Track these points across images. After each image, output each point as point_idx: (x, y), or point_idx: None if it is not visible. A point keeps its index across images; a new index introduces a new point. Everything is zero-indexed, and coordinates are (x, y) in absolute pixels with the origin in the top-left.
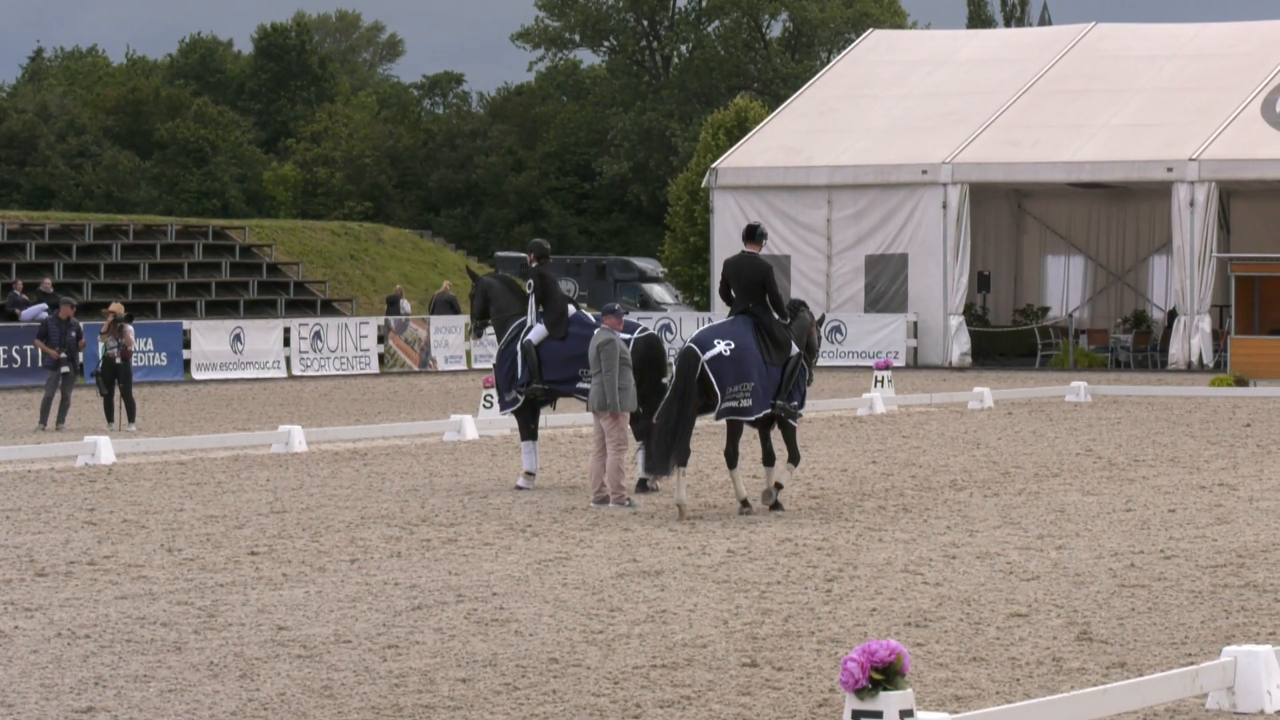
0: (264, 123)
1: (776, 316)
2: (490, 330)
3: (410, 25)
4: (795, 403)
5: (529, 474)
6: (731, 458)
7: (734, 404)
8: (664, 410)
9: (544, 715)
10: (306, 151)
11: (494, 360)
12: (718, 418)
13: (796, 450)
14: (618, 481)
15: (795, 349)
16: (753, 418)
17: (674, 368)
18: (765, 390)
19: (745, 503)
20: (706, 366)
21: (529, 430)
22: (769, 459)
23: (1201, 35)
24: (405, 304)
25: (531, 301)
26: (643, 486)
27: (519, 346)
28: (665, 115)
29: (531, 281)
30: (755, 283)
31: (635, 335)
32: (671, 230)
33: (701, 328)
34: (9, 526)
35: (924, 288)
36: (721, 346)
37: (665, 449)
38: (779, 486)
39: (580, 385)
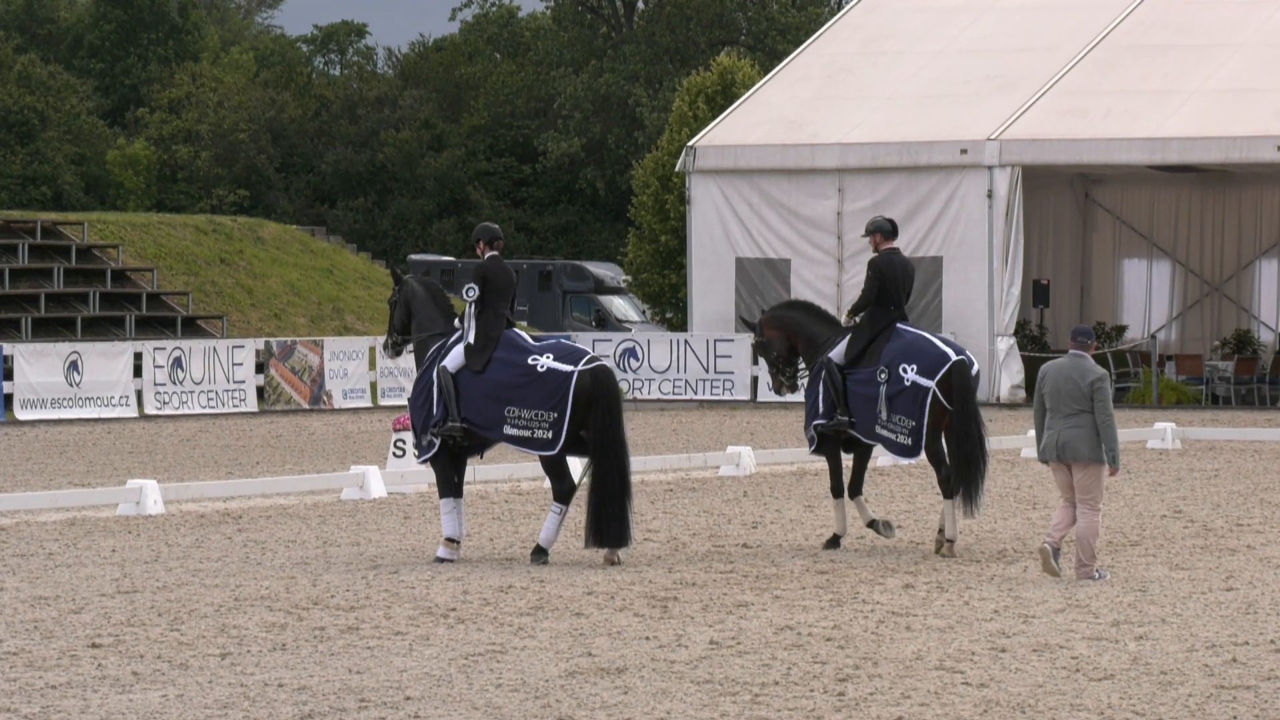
0: (108, 87)
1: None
2: (410, 350)
3: None
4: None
5: (451, 541)
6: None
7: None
8: (970, 438)
9: None
10: (163, 125)
11: (409, 393)
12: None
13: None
14: (1093, 549)
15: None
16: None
17: (948, 380)
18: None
19: (878, 524)
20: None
21: (451, 485)
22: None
23: None
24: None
25: (470, 310)
26: (540, 554)
27: (435, 373)
28: (627, 78)
29: (471, 287)
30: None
31: (580, 366)
32: (636, 227)
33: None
34: None
35: (963, 301)
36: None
37: (973, 484)
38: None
39: (508, 430)
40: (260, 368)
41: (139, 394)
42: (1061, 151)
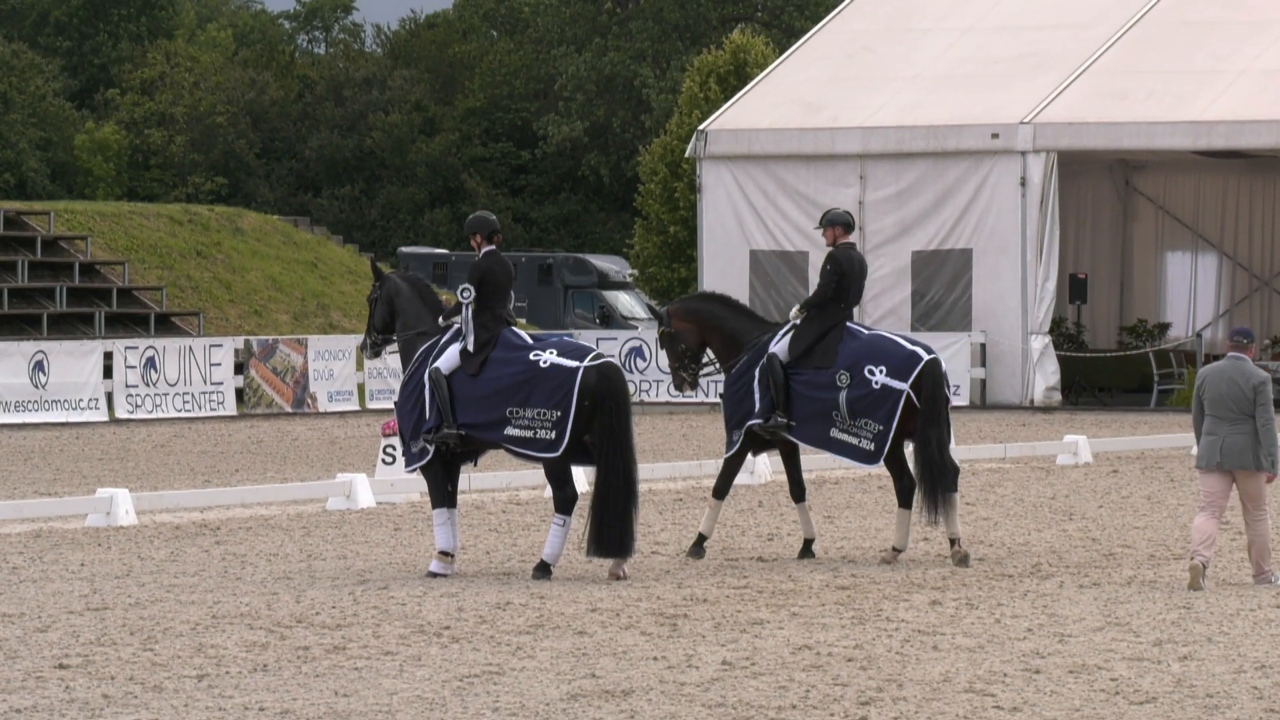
0: (75, 67)
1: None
2: (392, 349)
3: None
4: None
5: (445, 555)
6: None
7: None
8: (940, 442)
9: None
10: (135, 107)
11: (396, 396)
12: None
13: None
14: (1269, 550)
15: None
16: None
17: (919, 382)
18: None
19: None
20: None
21: (444, 495)
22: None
23: None
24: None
25: (467, 311)
26: (544, 570)
27: (426, 375)
28: (633, 57)
29: (467, 288)
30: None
31: (585, 363)
32: (643, 217)
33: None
34: None
35: (994, 297)
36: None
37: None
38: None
39: (510, 431)
40: (239, 368)
41: (109, 396)
42: (1100, 136)
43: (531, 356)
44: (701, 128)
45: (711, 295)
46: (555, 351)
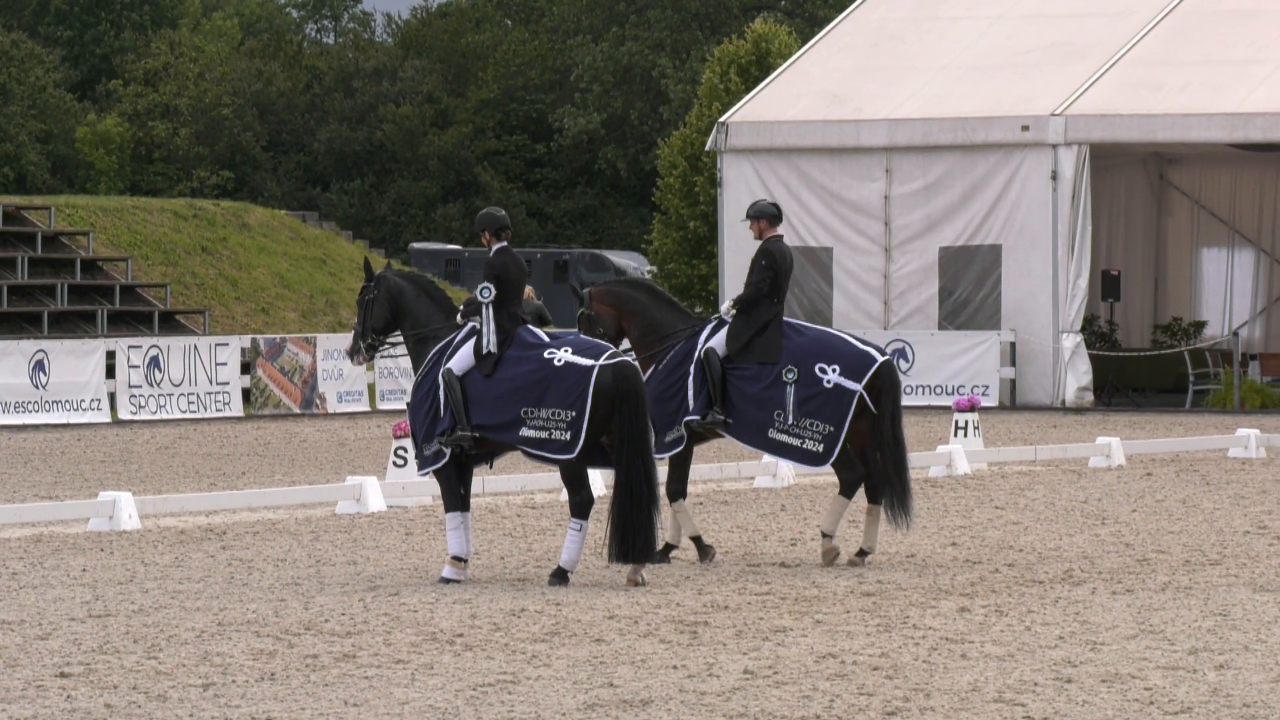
0: (76, 57)
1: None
2: (385, 352)
3: None
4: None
5: (458, 560)
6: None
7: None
8: (897, 444)
9: None
10: (138, 99)
11: (408, 397)
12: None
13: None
14: None
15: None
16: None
17: (876, 384)
18: None
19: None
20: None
21: (457, 498)
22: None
23: None
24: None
25: (486, 312)
26: (561, 577)
27: (440, 376)
28: (652, 46)
29: (486, 287)
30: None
31: (601, 361)
32: (662, 212)
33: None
34: None
35: (1025, 294)
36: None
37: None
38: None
39: (524, 432)
40: (246, 368)
41: (112, 397)
42: (1134, 128)
43: (546, 355)
44: (722, 120)
45: (637, 282)
46: (570, 349)
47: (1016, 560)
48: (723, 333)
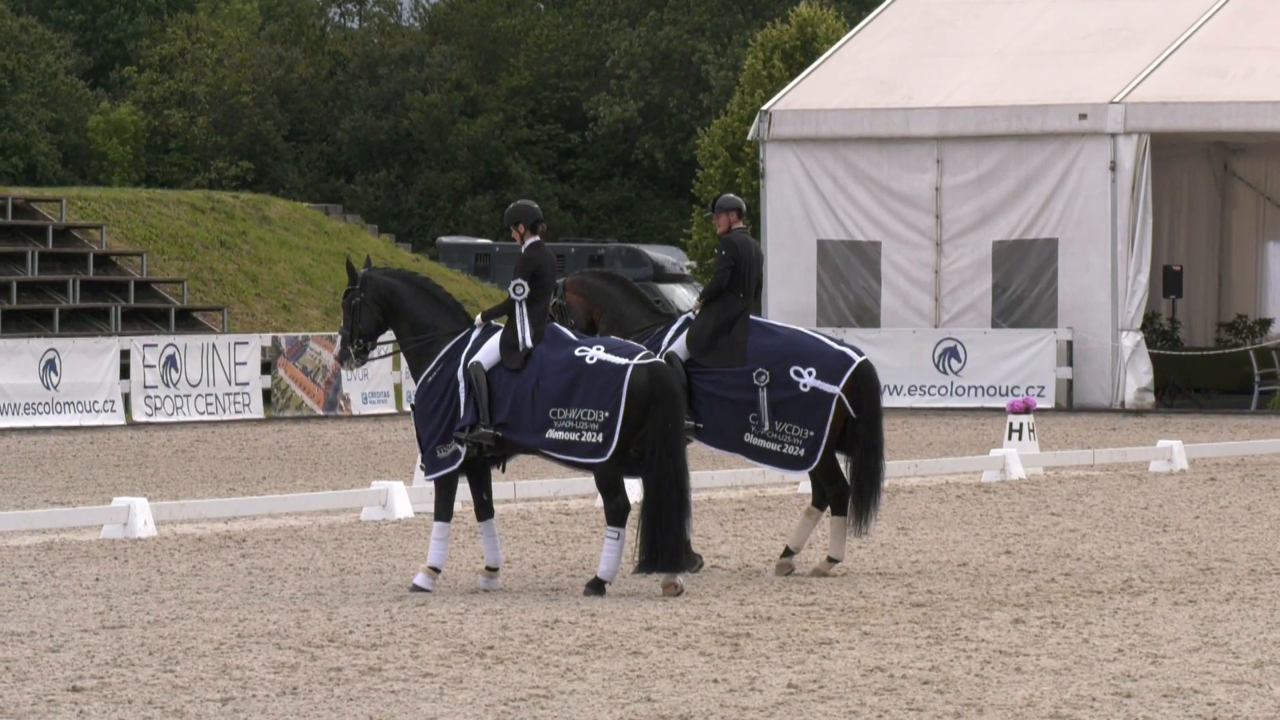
0: (89, 43)
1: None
2: (376, 356)
3: None
4: None
5: (434, 570)
6: None
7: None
8: (876, 451)
9: None
10: (153, 86)
11: (414, 396)
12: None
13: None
14: None
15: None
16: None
17: (855, 386)
18: None
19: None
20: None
21: (450, 509)
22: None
23: None
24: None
25: (520, 309)
26: (598, 587)
27: (463, 370)
28: (691, 31)
29: (520, 283)
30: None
31: (635, 360)
32: (702, 204)
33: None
34: None
35: (1082, 290)
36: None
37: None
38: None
39: (552, 434)
40: (267, 367)
41: (126, 398)
42: (1196, 116)
43: (577, 353)
44: (765, 108)
45: (611, 275)
46: (603, 348)
47: (1073, 569)
48: (682, 336)
